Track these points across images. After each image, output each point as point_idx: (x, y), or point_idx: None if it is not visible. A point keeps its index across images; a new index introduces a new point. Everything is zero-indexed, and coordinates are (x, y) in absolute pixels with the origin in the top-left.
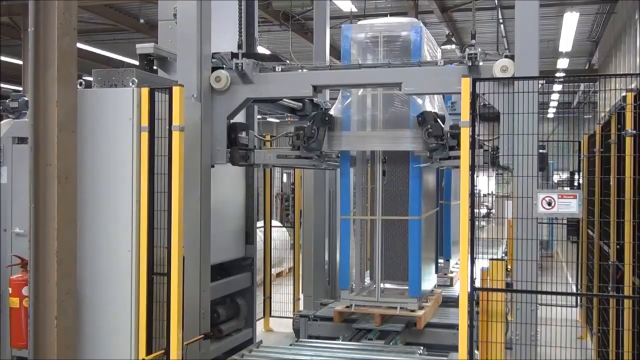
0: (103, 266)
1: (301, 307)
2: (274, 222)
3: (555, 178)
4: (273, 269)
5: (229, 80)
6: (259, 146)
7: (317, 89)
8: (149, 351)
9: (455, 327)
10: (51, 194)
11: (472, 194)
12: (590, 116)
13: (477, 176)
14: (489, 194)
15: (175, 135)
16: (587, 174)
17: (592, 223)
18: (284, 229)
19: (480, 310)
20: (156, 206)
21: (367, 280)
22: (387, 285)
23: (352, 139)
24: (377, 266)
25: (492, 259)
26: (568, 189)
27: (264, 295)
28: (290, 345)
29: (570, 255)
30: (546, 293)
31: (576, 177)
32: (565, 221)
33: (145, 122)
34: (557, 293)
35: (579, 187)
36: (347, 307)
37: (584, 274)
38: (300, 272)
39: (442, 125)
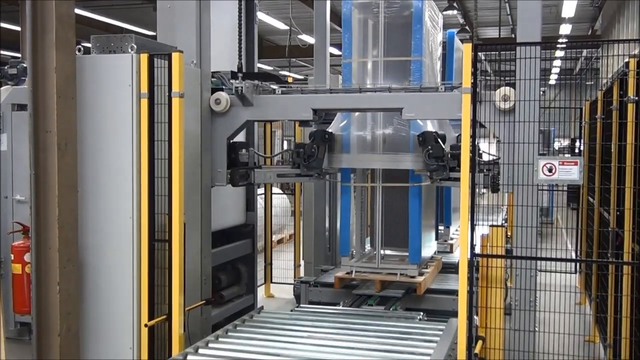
0: (104, 233)
1: (302, 274)
2: (275, 189)
3: (557, 145)
4: (274, 236)
5: (228, 103)
6: (258, 163)
7: (317, 112)
8: (151, 317)
9: (455, 293)
10: (51, 160)
11: (473, 160)
12: (592, 83)
13: (477, 143)
14: (490, 160)
15: (175, 101)
16: (589, 140)
17: (592, 190)
18: (285, 195)
19: (479, 276)
20: (157, 173)
21: (368, 246)
22: (387, 252)
23: (353, 158)
24: (378, 233)
25: (492, 226)
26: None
27: (265, 262)
28: (291, 310)
29: (570, 222)
30: (546, 259)
31: (577, 144)
32: (565, 188)
33: (144, 89)
34: (556, 259)
35: (580, 154)
36: (347, 273)
37: (583, 241)
38: (301, 239)
39: (443, 146)
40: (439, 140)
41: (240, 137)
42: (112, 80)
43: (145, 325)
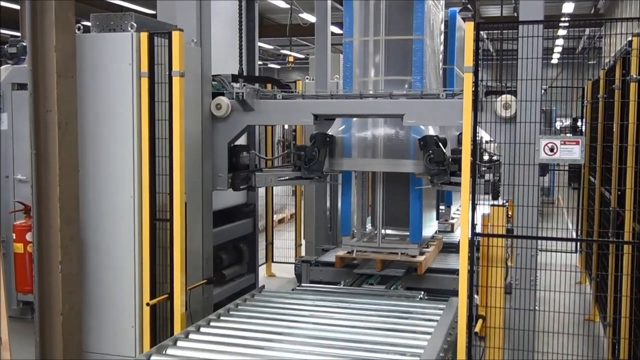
0: (106, 212)
1: (303, 253)
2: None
3: (558, 124)
4: (275, 216)
5: (229, 108)
6: (259, 166)
7: (317, 117)
8: (152, 296)
9: (455, 272)
10: (52, 140)
11: (475, 139)
12: (594, 62)
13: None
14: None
15: (176, 80)
16: (590, 120)
17: (593, 169)
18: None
19: (480, 255)
20: (157, 152)
21: (369, 226)
22: (389, 231)
23: (354, 161)
24: (379, 212)
25: (493, 205)
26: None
27: (266, 241)
28: (292, 290)
29: (571, 202)
30: (546, 239)
31: (579, 123)
32: (566, 167)
33: (144, 68)
34: (557, 239)
35: (581, 133)
36: (348, 252)
37: (584, 220)
38: (302, 219)
39: (444, 151)
40: (440, 144)
41: (242, 139)
42: (112, 59)
43: (147, 304)
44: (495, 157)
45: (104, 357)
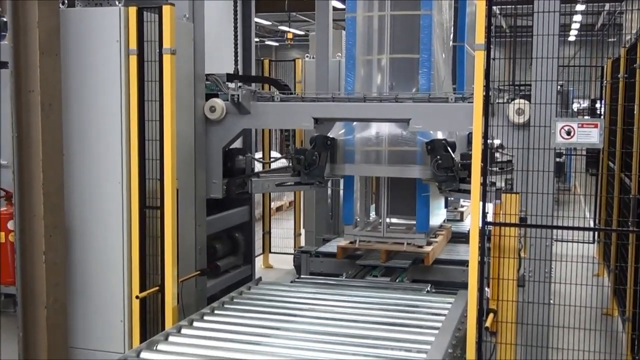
0: (92, 199)
1: (302, 243)
2: (273, 153)
3: (575, 106)
4: (272, 203)
5: (224, 111)
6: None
7: (318, 121)
8: (142, 288)
9: (465, 263)
10: (35, 122)
11: (486, 120)
12: (614, 39)
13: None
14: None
15: (166, 58)
16: (610, 101)
17: (613, 154)
18: (284, 160)
19: (491, 246)
20: (147, 135)
21: (372, 214)
22: (394, 220)
23: (357, 167)
24: (383, 200)
25: (505, 192)
26: (588, 117)
27: (263, 230)
28: (291, 282)
29: (589, 189)
30: (562, 228)
31: (598, 105)
32: (584, 152)
33: (133, 45)
34: (573, 228)
35: (600, 115)
36: (351, 242)
37: (602, 208)
38: (302, 206)
39: (453, 155)
40: (449, 148)
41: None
42: (98, 36)
43: (137, 297)
44: (507, 157)
45: (91, 353)
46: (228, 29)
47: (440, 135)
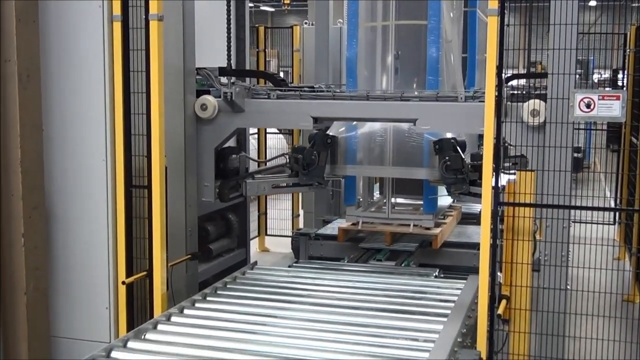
0: (75, 178)
1: (301, 225)
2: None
3: (596, 77)
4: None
5: (216, 109)
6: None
7: (317, 120)
8: (129, 273)
9: (476, 246)
10: (12, 94)
11: (500, 93)
12: (639, 4)
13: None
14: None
15: (153, 25)
16: (633, 71)
17: (636, 129)
18: (281, 135)
19: (504, 227)
20: (133, 109)
21: (376, 194)
22: (399, 200)
23: (359, 167)
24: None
25: (520, 170)
26: (610, 89)
27: (259, 212)
28: (289, 266)
29: (610, 166)
30: (581, 208)
31: (620, 75)
32: (605, 127)
33: (117, 10)
34: (593, 208)
35: (623, 87)
36: (353, 224)
37: (624, 187)
38: None
39: (462, 156)
40: (458, 148)
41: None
42: (79, 1)
43: (123, 283)
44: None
45: (75, 343)
46: (219, 16)
47: (449, 134)
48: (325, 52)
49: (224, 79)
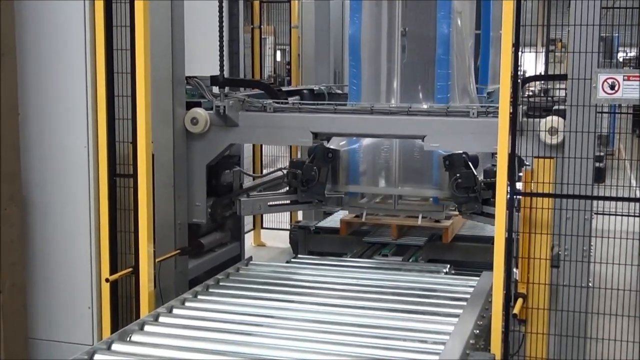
0: (54, 166)
1: (300, 217)
2: None
3: (621, 55)
4: (264, 170)
5: (208, 123)
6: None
7: (317, 136)
8: (113, 270)
9: (489, 240)
10: None
11: (516, 76)
12: None
13: (521, 53)
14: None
15: (139, 2)
16: None
17: None
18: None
19: (521, 219)
20: (117, 91)
21: (382, 183)
22: (407, 189)
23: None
24: (395, 167)
25: (537, 157)
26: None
27: None
28: (287, 262)
29: (636, 153)
30: (604, 199)
31: None
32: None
33: None
34: (617, 199)
35: None
36: (356, 216)
37: None
38: None
39: (475, 173)
40: (470, 164)
41: None
42: None
43: (107, 280)
44: None
45: (55, 345)
46: (211, 18)
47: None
48: (326, 29)
49: (215, 90)
